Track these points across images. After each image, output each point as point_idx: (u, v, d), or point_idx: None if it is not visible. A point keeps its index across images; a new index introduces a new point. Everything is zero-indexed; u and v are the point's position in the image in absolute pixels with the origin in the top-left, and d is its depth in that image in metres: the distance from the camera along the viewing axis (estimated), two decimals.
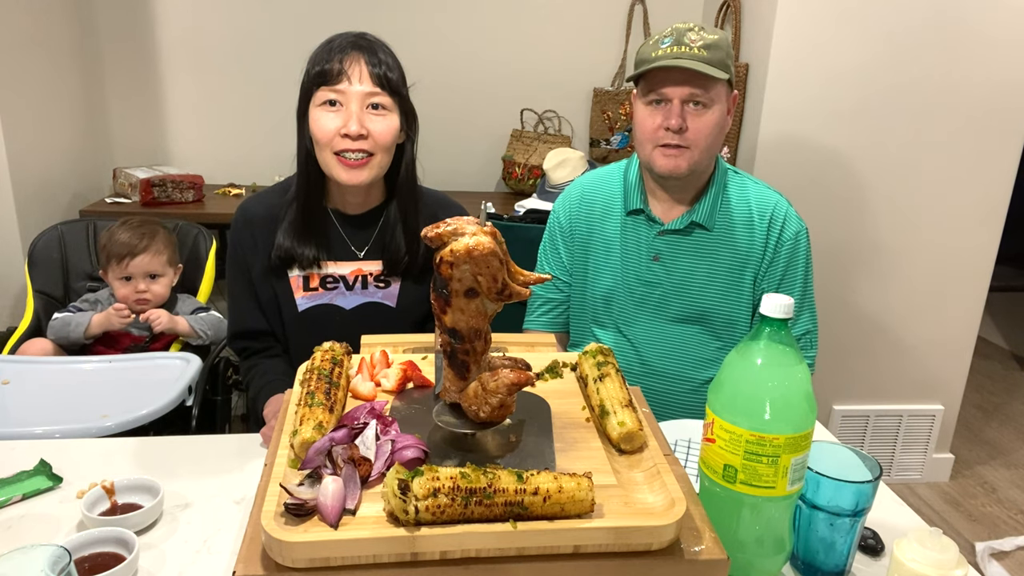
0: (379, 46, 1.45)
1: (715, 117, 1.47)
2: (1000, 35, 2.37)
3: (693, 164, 1.49)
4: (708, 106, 1.45)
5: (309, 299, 1.52)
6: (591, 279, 1.64)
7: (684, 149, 1.47)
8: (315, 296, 1.52)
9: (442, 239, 0.82)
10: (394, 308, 1.55)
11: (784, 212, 1.56)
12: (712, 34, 1.45)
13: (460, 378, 0.90)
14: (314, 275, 1.52)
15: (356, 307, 1.54)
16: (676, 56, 1.42)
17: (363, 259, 1.54)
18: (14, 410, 1.52)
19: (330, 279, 1.52)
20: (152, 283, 2.06)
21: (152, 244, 2.05)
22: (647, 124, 1.49)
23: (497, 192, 3.13)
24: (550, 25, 3.03)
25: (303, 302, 1.52)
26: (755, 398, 0.87)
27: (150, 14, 2.83)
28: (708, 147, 1.49)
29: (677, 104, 1.45)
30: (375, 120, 1.41)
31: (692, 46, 1.42)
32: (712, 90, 1.45)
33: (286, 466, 0.85)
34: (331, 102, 1.41)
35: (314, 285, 1.52)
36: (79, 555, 0.96)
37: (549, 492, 0.76)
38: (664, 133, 1.46)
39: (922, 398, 2.78)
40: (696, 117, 1.46)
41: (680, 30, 1.46)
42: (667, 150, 1.48)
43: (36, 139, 2.48)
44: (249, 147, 2.98)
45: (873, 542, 1.06)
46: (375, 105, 1.41)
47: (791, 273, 1.57)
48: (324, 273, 1.52)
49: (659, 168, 1.50)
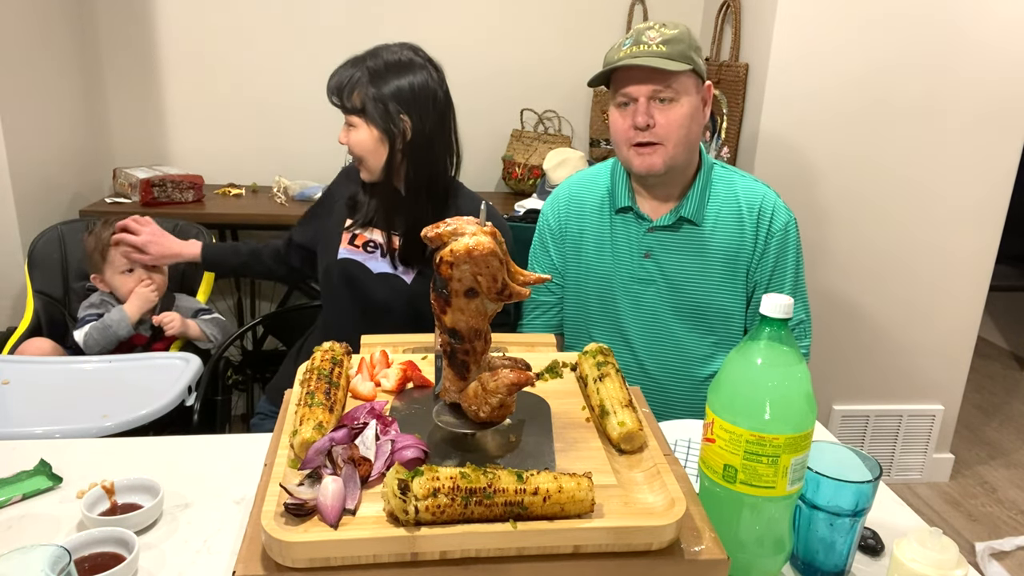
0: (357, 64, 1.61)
1: (684, 110, 1.47)
2: (1000, 35, 2.37)
3: (668, 159, 1.49)
4: (675, 99, 1.46)
5: (348, 252, 1.74)
6: (584, 279, 1.64)
7: (657, 146, 1.48)
8: (354, 251, 1.74)
9: (442, 239, 0.82)
10: (408, 284, 1.71)
11: (772, 204, 1.57)
12: (672, 29, 1.46)
13: (460, 378, 0.90)
14: (361, 235, 1.74)
15: (380, 273, 1.71)
16: (634, 55, 1.44)
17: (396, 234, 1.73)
18: (14, 410, 1.52)
19: (371, 244, 1.74)
20: (152, 271, 2.06)
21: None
22: (619, 125, 1.52)
23: (497, 192, 3.13)
24: (550, 25, 3.03)
25: (343, 252, 1.74)
26: (755, 398, 0.87)
27: (150, 14, 2.83)
28: (682, 140, 1.49)
29: (643, 102, 1.46)
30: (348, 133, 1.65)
31: (650, 43, 1.44)
32: (675, 83, 1.45)
33: (286, 466, 0.85)
34: None
35: (358, 243, 1.74)
36: (79, 555, 0.95)
37: (549, 492, 0.76)
38: (634, 132, 1.48)
39: (922, 398, 2.78)
40: (663, 112, 1.46)
41: (640, 30, 1.48)
42: (641, 149, 1.49)
43: (36, 139, 2.48)
44: (249, 147, 2.98)
45: (873, 542, 1.06)
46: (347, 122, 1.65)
47: (782, 264, 1.57)
48: (369, 238, 1.73)
49: (636, 168, 1.51)
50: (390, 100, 1.60)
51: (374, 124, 1.61)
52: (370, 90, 1.59)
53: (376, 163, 1.65)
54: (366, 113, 1.60)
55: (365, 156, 1.64)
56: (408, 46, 1.65)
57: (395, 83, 1.60)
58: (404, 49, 1.64)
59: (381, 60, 1.61)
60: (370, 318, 1.69)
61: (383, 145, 1.63)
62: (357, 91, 1.60)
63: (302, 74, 2.86)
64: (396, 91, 1.60)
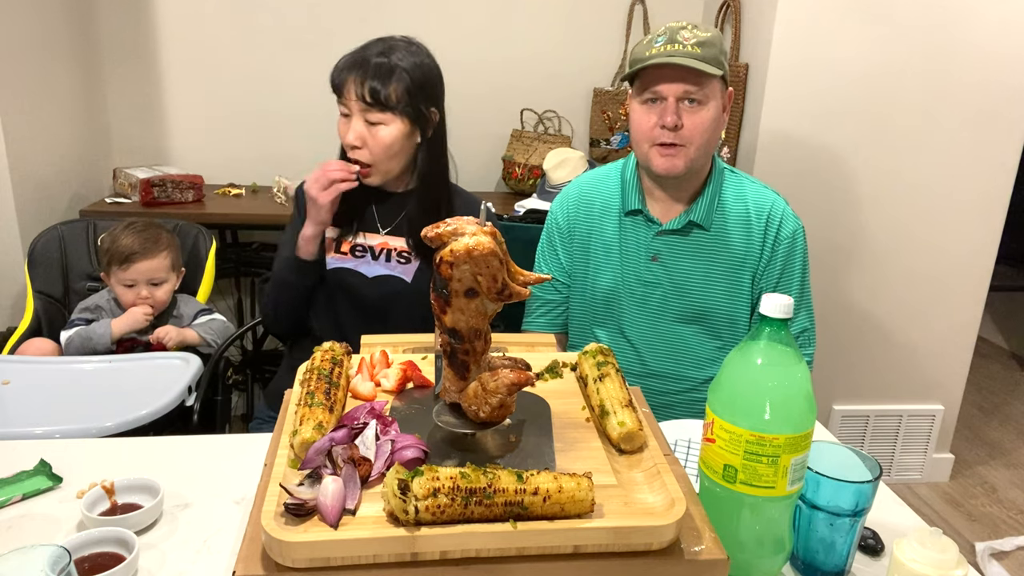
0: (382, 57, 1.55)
1: (710, 114, 1.47)
2: (999, 35, 2.37)
3: (690, 163, 1.49)
4: (703, 103, 1.45)
5: (336, 260, 1.69)
6: (591, 280, 1.64)
7: (680, 148, 1.47)
8: (343, 259, 1.69)
9: (442, 239, 0.82)
10: (409, 283, 1.68)
11: (781, 211, 1.56)
12: (705, 32, 1.45)
13: (460, 378, 0.90)
14: (347, 242, 1.69)
15: (376, 276, 1.68)
16: (670, 54, 1.42)
17: (387, 235, 1.69)
18: (14, 410, 1.52)
19: (359, 248, 1.69)
20: (155, 289, 2.03)
21: (155, 249, 2.02)
22: (643, 123, 1.49)
23: (497, 192, 3.12)
24: (550, 25, 3.03)
25: (331, 261, 1.69)
26: (755, 398, 0.87)
27: (150, 15, 2.83)
28: (704, 144, 1.48)
29: (672, 102, 1.45)
30: (371, 133, 1.57)
31: (685, 44, 1.43)
32: (706, 87, 1.45)
33: (286, 466, 0.85)
34: (344, 113, 1.60)
35: (344, 250, 1.69)
36: (79, 555, 0.95)
37: (549, 492, 0.76)
38: (660, 131, 1.46)
39: (922, 398, 2.78)
40: (691, 114, 1.46)
41: (673, 28, 1.46)
42: (664, 149, 1.48)
43: (36, 139, 2.47)
44: (249, 147, 2.98)
45: (873, 542, 1.06)
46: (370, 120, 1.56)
47: (788, 272, 1.57)
48: (355, 242, 1.69)
49: (656, 168, 1.50)
50: (419, 92, 1.57)
51: (407, 118, 1.56)
52: (407, 83, 1.55)
53: (399, 162, 1.61)
54: (401, 108, 1.55)
55: (391, 155, 1.59)
56: (405, 37, 1.63)
57: (421, 74, 1.57)
58: (407, 41, 1.62)
59: (403, 52, 1.57)
60: (371, 322, 1.65)
61: (411, 141, 1.60)
62: (395, 85, 1.54)
63: (302, 74, 2.86)
64: (424, 82, 1.57)
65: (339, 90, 1.58)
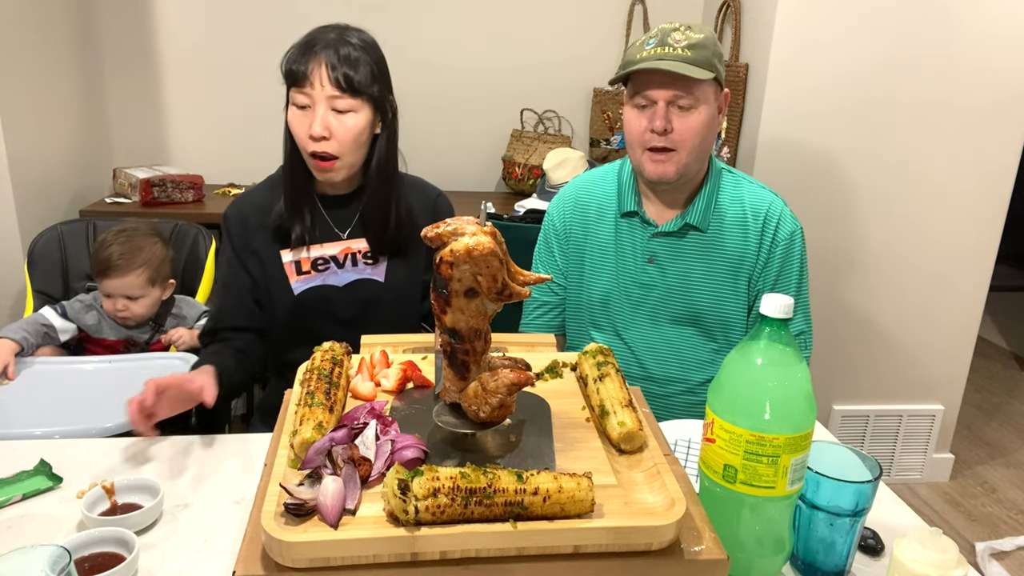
0: (344, 43, 1.47)
1: (701, 118, 1.45)
2: (1000, 35, 2.37)
3: (681, 168, 1.48)
4: (694, 107, 1.44)
5: (303, 282, 1.58)
6: (587, 281, 1.63)
7: (671, 152, 1.46)
8: (308, 279, 1.59)
9: (442, 239, 0.82)
10: (383, 283, 1.61)
11: (779, 212, 1.55)
12: (698, 33, 1.43)
13: (460, 378, 0.90)
14: (305, 259, 1.58)
15: (348, 284, 1.60)
16: (659, 57, 1.41)
17: (347, 239, 1.60)
18: (14, 410, 1.52)
19: (321, 261, 1.59)
20: (131, 303, 1.98)
21: (127, 268, 1.94)
22: (634, 127, 1.49)
23: (497, 192, 3.12)
24: (550, 25, 3.03)
25: (298, 286, 1.58)
26: (755, 398, 0.87)
27: (150, 15, 2.83)
28: (695, 148, 1.47)
29: (662, 106, 1.44)
30: (338, 122, 1.46)
31: (676, 46, 1.41)
32: (697, 91, 1.43)
33: (286, 466, 0.85)
34: (302, 106, 1.47)
35: (306, 269, 1.58)
36: (79, 555, 0.96)
37: (549, 492, 0.76)
38: (650, 135, 1.46)
39: (922, 398, 2.78)
40: (681, 118, 1.44)
41: (665, 30, 1.45)
42: (655, 155, 1.47)
43: (36, 139, 2.47)
44: (249, 147, 2.98)
45: (873, 542, 1.06)
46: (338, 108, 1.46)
47: (786, 274, 1.56)
48: (314, 256, 1.58)
49: (648, 174, 1.50)
50: (382, 76, 1.50)
51: (373, 105, 1.48)
52: (372, 67, 1.47)
53: (362, 155, 1.52)
54: (368, 94, 1.46)
55: (358, 145, 1.49)
56: (345, 23, 1.56)
57: (379, 57, 1.50)
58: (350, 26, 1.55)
59: (356, 36, 1.49)
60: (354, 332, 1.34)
61: (371, 131, 1.51)
62: (363, 69, 1.45)
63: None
64: (384, 67, 1.51)
65: (300, 78, 1.45)
